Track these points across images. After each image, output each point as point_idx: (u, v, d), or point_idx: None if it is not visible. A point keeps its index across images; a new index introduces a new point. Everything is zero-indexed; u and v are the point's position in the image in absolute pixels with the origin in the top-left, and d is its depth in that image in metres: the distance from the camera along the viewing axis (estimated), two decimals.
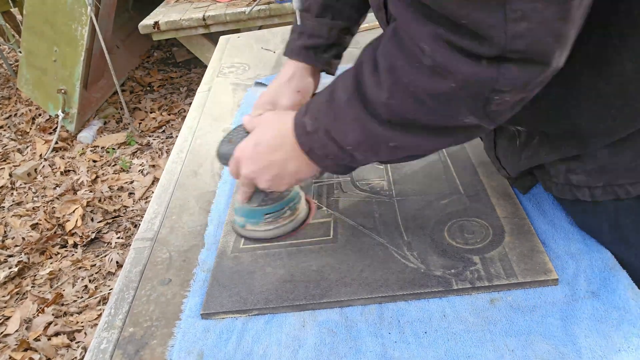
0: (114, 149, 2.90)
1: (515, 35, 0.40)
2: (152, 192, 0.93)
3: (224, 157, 0.68)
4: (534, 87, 0.45)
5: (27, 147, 3.06)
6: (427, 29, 0.43)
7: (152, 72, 3.77)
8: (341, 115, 0.54)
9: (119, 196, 2.49)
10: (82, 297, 1.92)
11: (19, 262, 2.11)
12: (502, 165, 0.74)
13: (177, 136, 1.12)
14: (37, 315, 1.86)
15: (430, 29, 0.43)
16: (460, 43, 0.42)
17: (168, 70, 3.84)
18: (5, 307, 1.93)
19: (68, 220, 2.32)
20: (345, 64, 1.32)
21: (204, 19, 2.65)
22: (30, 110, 3.45)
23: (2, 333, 1.81)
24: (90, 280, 1.99)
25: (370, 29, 1.53)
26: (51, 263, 2.11)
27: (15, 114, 3.48)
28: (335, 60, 0.80)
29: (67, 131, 3.06)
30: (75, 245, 2.19)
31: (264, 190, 0.66)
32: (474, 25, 0.40)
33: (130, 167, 2.71)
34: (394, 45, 0.48)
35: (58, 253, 2.15)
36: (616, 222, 0.64)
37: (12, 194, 2.64)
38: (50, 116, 3.23)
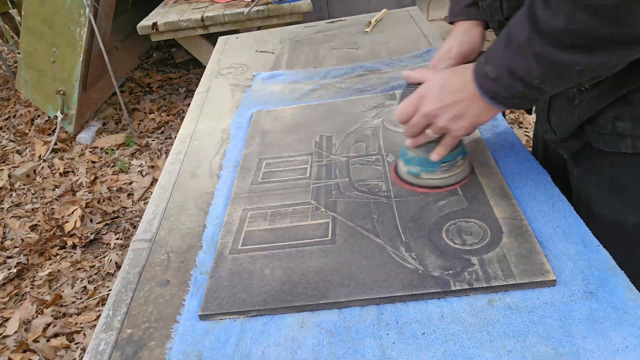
0: (113, 150, 2.90)
1: None
2: (151, 193, 0.93)
3: (402, 98, 0.74)
4: None
5: (26, 148, 3.06)
6: None
7: (151, 73, 3.77)
8: (523, 54, 0.58)
9: (118, 197, 2.49)
10: (81, 298, 1.92)
11: (18, 263, 2.11)
12: (551, 127, 0.78)
13: (175, 137, 1.12)
14: (36, 316, 1.86)
15: None
16: None
17: (167, 71, 3.85)
18: (4, 308, 1.92)
19: (67, 222, 2.32)
20: (345, 64, 1.32)
21: (202, 20, 2.66)
22: (29, 111, 3.45)
23: (1, 334, 1.81)
24: (89, 281, 1.99)
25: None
26: (50, 264, 2.11)
27: (14, 115, 3.48)
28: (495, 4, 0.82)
29: (66, 132, 3.06)
30: (74, 246, 2.19)
31: (436, 135, 0.72)
32: None
33: (129, 168, 2.71)
34: None
35: (57, 254, 2.15)
36: None
37: (11, 195, 2.64)
38: (49, 117, 3.23)
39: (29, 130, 3.25)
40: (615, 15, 0.49)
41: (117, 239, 2.20)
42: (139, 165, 2.72)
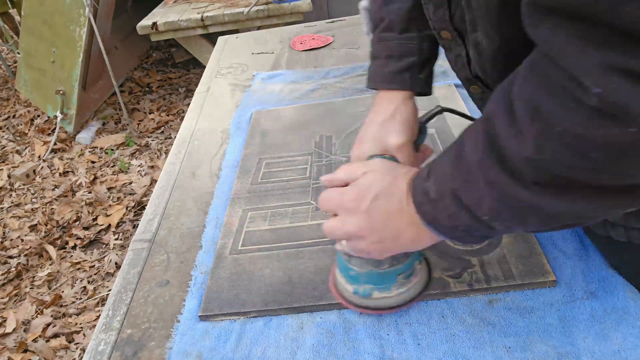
0: (112, 150, 2.90)
1: None
2: (151, 193, 0.93)
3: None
4: None
5: (26, 148, 3.06)
6: (591, 57, 0.31)
7: (150, 73, 3.77)
8: (473, 179, 0.43)
9: (118, 197, 2.48)
10: (80, 299, 1.92)
11: (17, 263, 2.11)
12: None
13: (175, 137, 1.12)
14: (36, 316, 1.86)
15: (598, 57, 0.31)
16: None
17: (167, 71, 3.84)
18: (4, 308, 1.92)
19: (67, 222, 2.32)
20: (345, 64, 1.32)
21: (202, 20, 2.66)
22: (28, 111, 3.45)
23: (0, 334, 1.81)
24: (89, 282, 1.99)
25: None
26: (50, 264, 2.11)
27: (14, 115, 3.48)
28: (430, 79, 0.71)
29: (66, 132, 3.06)
30: (74, 246, 2.19)
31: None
32: None
33: (129, 168, 2.71)
34: (537, 83, 0.37)
35: (57, 254, 2.15)
36: None
37: (11, 195, 2.63)
38: (48, 117, 3.22)
39: (29, 130, 3.25)
40: (603, 157, 0.35)
41: (117, 239, 2.20)
42: (139, 166, 2.72)
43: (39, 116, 3.37)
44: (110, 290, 1.89)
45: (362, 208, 0.52)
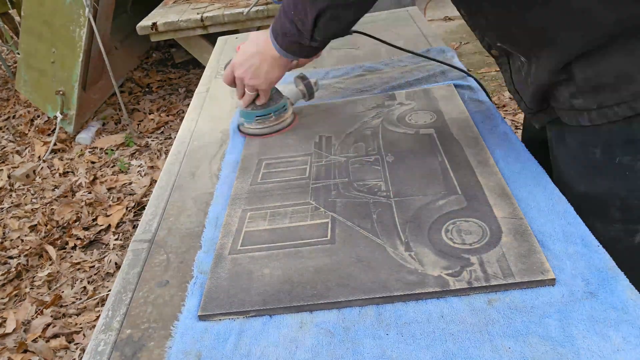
0: (112, 150, 2.90)
1: None
2: (151, 193, 0.93)
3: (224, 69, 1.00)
4: None
5: (26, 148, 3.06)
6: None
7: (150, 73, 3.77)
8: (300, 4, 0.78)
9: (118, 197, 2.48)
10: (80, 299, 1.92)
11: (17, 264, 2.11)
12: (521, 98, 0.83)
13: (175, 137, 1.12)
14: (36, 317, 1.86)
15: None
16: None
17: (166, 71, 3.85)
18: (4, 309, 1.92)
19: (67, 222, 2.32)
20: (344, 64, 1.32)
21: (202, 20, 2.66)
22: (28, 111, 3.45)
23: (0, 335, 1.81)
24: (89, 282, 1.99)
25: None
26: (50, 265, 2.11)
27: (14, 116, 3.48)
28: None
29: (66, 133, 3.06)
30: (74, 247, 2.19)
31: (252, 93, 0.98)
32: None
33: (129, 169, 2.71)
34: None
35: (57, 255, 2.15)
36: (609, 144, 0.71)
37: (11, 195, 2.64)
38: (48, 118, 3.23)
39: (29, 130, 3.25)
40: None
41: (117, 239, 2.20)
42: (139, 166, 2.72)
43: (39, 116, 3.37)
44: (110, 290, 1.89)
45: (239, 59, 0.94)
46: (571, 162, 0.79)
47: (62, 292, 1.96)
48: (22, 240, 2.26)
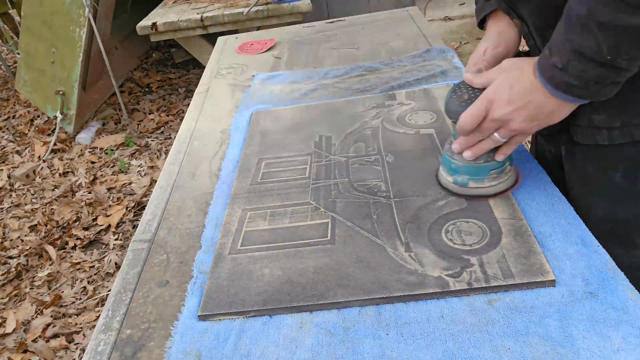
0: (112, 150, 2.90)
1: None
2: (151, 193, 0.93)
3: (457, 113, 0.70)
4: None
5: (26, 148, 3.06)
6: None
7: (150, 73, 3.77)
8: (587, 29, 0.54)
9: (118, 197, 2.48)
10: (80, 299, 1.92)
11: (17, 264, 2.11)
12: None
13: (175, 137, 1.12)
14: (36, 317, 1.86)
15: None
16: None
17: (166, 71, 3.85)
18: (3, 309, 1.92)
19: (67, 222, 2.32)
20: (345, 64, 1.32)
21: (201, 20, 2.66)
22: (28, 111, 3.45)
23: (0, 335, 1.80)
24: (89, 282, 1.99)
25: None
26: (50, 265, 2.11)
27: (14, 116, 3.48)
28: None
29: (66, 132, 3.06)
30: (74, 247, 2.19)
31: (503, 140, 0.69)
32: None
33: (128, 169, 2.71)
34: None
35: (57, 255, 2.15)
36: (633, 167, 0.67)
37: (11, 195, 2.63)
38: (48, 118, 3.22)
39: (29, 130, 3.25)
40: None
41: (117, 239, 2.20)
42: (139, 166, 2.72)
43: (38, 116, 3.37)
44: (110, 290, 1.89)
45: (505, 97, 0.65)
46: (586, 185, 0.75)
47: (62, 292, 1.96)
48: (22, 240, 2.26)
